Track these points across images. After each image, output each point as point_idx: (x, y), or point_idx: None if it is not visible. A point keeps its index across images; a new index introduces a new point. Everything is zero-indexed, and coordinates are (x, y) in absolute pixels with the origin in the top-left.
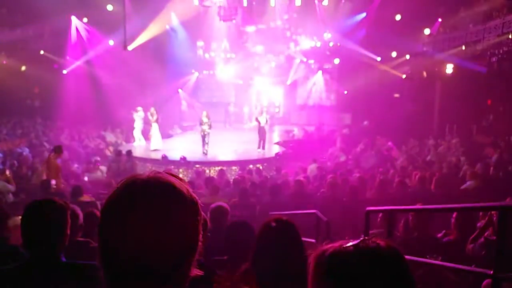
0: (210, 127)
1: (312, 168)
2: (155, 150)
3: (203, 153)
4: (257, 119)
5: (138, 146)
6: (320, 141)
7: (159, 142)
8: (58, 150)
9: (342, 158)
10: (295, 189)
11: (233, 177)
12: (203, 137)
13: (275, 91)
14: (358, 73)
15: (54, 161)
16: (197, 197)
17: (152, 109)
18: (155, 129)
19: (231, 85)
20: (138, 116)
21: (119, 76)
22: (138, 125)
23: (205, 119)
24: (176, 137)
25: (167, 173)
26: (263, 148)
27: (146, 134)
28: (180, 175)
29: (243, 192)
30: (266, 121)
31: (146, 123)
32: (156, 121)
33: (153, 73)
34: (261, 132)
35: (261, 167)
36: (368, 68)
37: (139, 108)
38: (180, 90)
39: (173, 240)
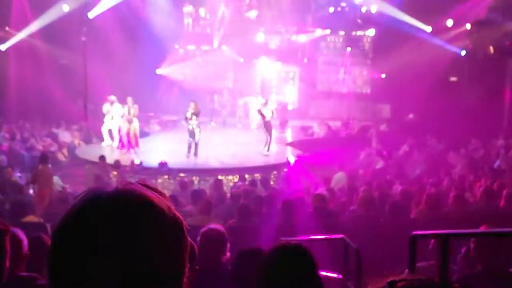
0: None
1: (338, 177)
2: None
3: (189, 156)
4: (260, 112)
5: (108, 148)
6: (348, 141)
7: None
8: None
9: (379, 165)
10: (315, 207)
11: (230, 190)
12: (191, 134)
13: (287, 74)
14: (400, 50)
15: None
16: (182, 218)
17: (130, 100)
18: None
19: (228, 65)
20: (112, 109)
21: (77, 54)
22: (110, 120)
23: (191, 112)
24: (153, 136)
25: (141, 184)
26: (268, 149)
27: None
28: (159, 187)
29: (244, 210)
30: (272, 113)
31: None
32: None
33: (123, 49)
34: (268, 129)
35: (268, 176)
36: (414, 42)
37: (113, 98)
38: (159, 72)
39: (148, 276)
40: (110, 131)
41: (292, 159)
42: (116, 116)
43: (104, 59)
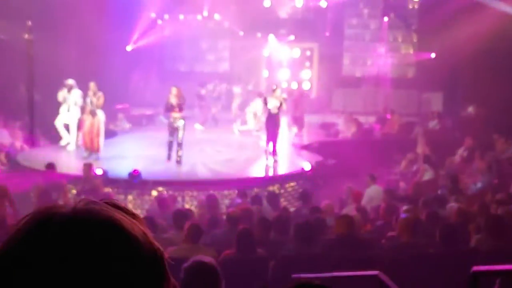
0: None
1: (371, 193)
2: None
3: (174, 160)
4: (265, 100)
5: (65, 151)
6: (386, 143)
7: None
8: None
9: (428, 175)
10: (341, 232)
11: (226, 210)
12: (173, 132)
13: (302, 52)
14: (455, 20)
15: None
16: (161, 248)
17: (93, 86)
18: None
19: (223, 40)
20: (70, 97)
21: (19, 26)
22: (67, 112)
23: (174, 101)
24: (122, 136)
25: (107, 203)
26: (274, 153)
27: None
28: (130, 206)
29: (244, 237)
30: (281, 104)
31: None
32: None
33: (83, 19)
34: (271, 125)
35: (277, 191)
36: (475, 9)
37: (71, 82)
38: (129, 49)
39: None
40: (67, 127)
41: (309, 168)
42: (74, 107)
43: (57, 34)
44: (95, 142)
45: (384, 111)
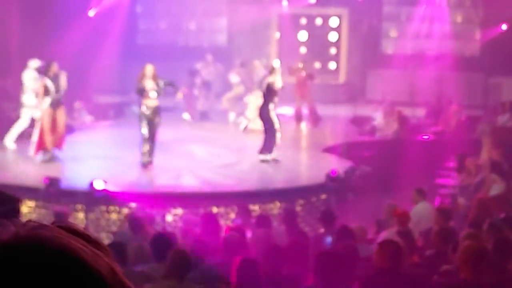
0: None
1: (419, 212)
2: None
3: (144, 165)
4: (270, 87)
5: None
6: (439, 144)
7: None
8: None
9: (496, 189)
10: (380, 266)
11: (223, 232)
12: (147, 125)
13: (325, 21)
14: None
15: None
16: (134, 287)
17: (55, 67)
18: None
19: (219, 4)
20: (33, 80)
21: None
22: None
23: (149, 84)
24: (80, 134)
25: (59, 226)
26: (268, 150)
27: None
28: (91, 229)
29: (246, 270)
30: (268, 93)
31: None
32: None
33: None
34: (262, 117)
35: (293, 208)
36: None
37: (37, 63)
38: (92, 14)
39: None
40: (33, 121)
41: (334, 177)
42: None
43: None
44: (56, 138)
45: (437, 101)
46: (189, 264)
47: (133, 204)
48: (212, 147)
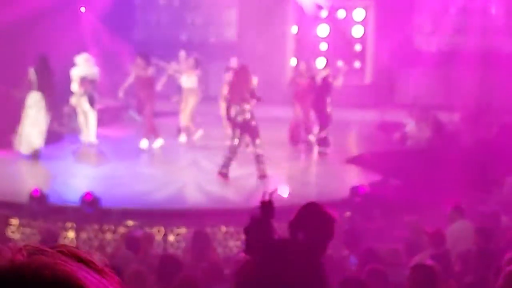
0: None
1: (456, 232)
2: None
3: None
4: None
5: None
6: (479, 153)
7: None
8: None
9: None
10: None
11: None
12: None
13: (348, 13)
14: None
15: None
16: None
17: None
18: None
19: None
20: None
21: None
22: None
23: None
24: (71, 141)
25: (60, 251)
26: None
27: None
28: (94, 255)
29: None
30: None
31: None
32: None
33: None
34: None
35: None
36: None
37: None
38: (83, 9)
39: None
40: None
41: (359, 192)
42: None
43: None
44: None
45: (477, 104)
46: None
47: (130, 222)
48: (221, 156)
